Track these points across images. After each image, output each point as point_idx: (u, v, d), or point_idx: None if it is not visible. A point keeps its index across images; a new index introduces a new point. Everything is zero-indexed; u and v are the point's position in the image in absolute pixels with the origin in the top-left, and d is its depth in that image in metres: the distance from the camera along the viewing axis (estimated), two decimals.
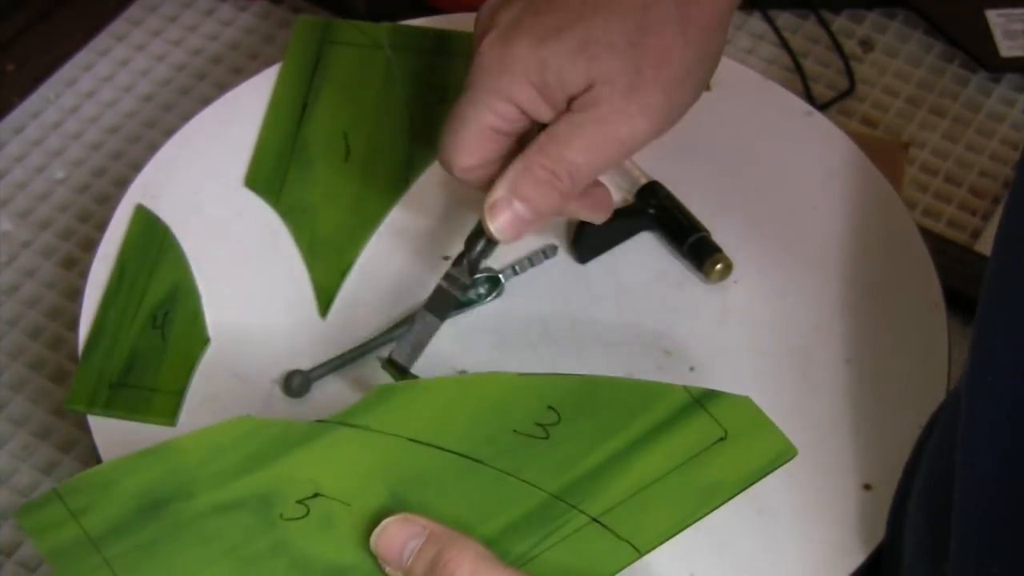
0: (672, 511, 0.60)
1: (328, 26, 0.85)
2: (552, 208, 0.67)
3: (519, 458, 0.61)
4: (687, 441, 0.61)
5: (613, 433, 0.61)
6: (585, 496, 0.60)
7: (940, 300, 0.75)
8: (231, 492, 0.58)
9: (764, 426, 0.61)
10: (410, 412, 0.61)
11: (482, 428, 0.61)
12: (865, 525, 0.68)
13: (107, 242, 0.77)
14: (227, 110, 0.82)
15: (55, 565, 0.56)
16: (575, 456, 0.61)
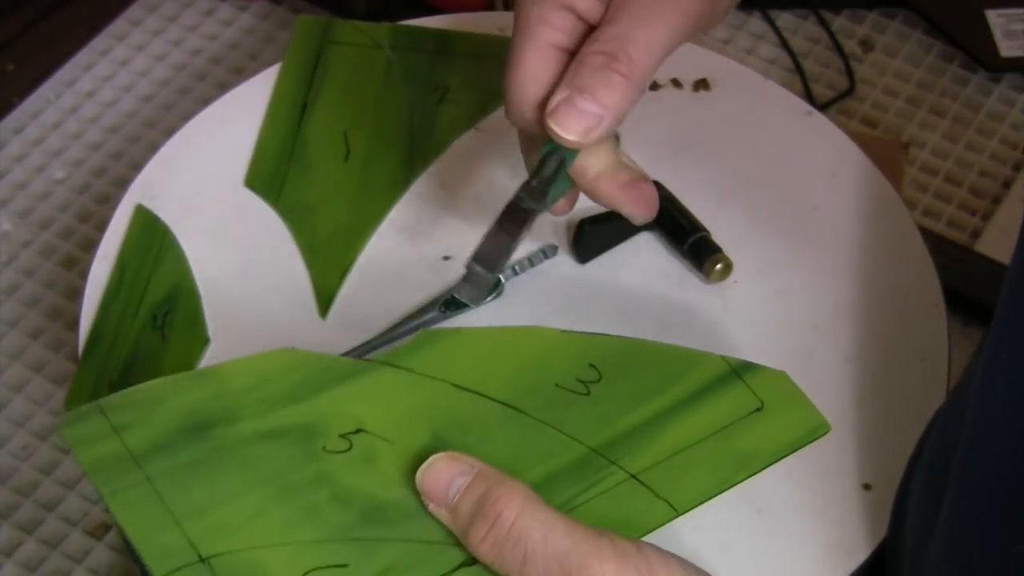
0: (709, 475, 0.60)
1: (328, 26, 0.85)
2: (619, 95, 0.61)
3: (559, 412, 0.61)
4: (724, 409, 0.62)
5: (652, 395, 0.62)
6: (624, 454, 0.60)
7: (940, 300, 0.75)
8: (275, 420, 0.58)
9: (799, 401, 0.62)
10: (454, 358, 0.61)
11: (524, 379, 0.61)
12: (865, 525, 0.68)
13: (107, 242, 0.77)
14: (227, 110, 0.82)
15: (95, 477, 0.56)
16: (614, 414, 0.61)
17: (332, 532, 0.56)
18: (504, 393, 0.61)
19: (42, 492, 0.98)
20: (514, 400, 0.61)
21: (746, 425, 0.62)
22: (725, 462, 0.61)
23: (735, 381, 0.63)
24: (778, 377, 0.63)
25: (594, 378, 0.62)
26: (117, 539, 0.96)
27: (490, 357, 0.62)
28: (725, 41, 1.17)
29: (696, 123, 0.82)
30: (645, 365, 0.63)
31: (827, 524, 0.68)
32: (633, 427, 0.61)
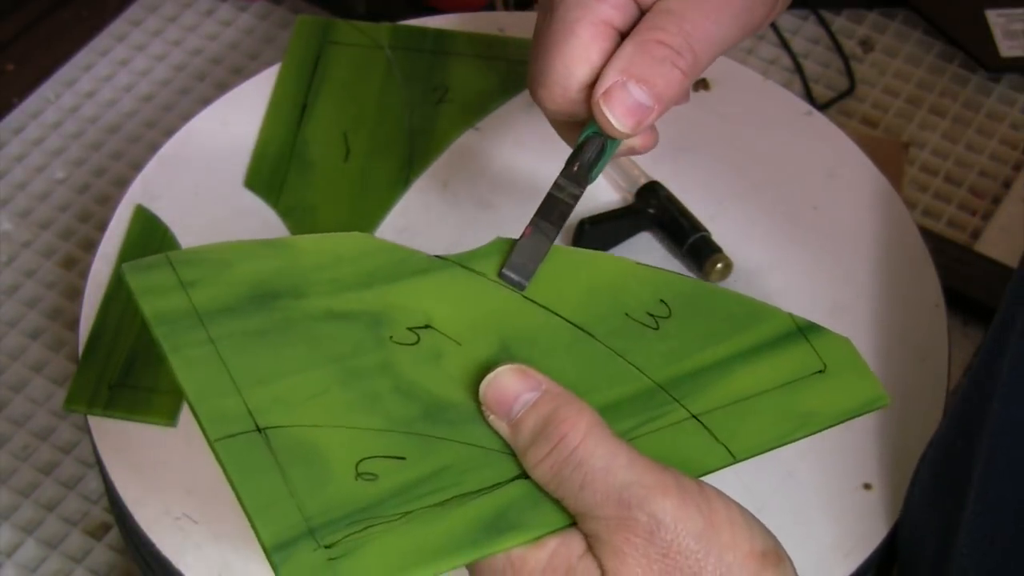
0: (769, 427, 0.59)
1: (328, 26, 0.85)
2: (674, 91, 0.59)
3: (627, 341, 0.59)
4: (788, 366, 0.60)
5: (719, 340, 0.60)
6: (687, 392, 0.59)
7: (940, 300, 0.75)
8: (345, 302, 0.56)
9: (861, 369, 0.61)
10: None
11: (596, 304, 0.60)
12: (866, 524, 0.68)
13: (107, 242, 0.77)
14: (227, 110, 0.82)
15: (158, 329, 0.53)
16: (681, 352, 0.60)
17: (392, 423, 0.54)
18: (574, 313, 0.60)
19: (42, 492, 0.98)
20: (583, 322, 0.60)
21: (808, 385, 0.60)
22: (785, 417, 0.59)
23: (800, 340, 0.61)
24: (843, 343, 0.62)
25: (664, 314, 0.61)
26: (117, 539, 0.96)
27: (565, 276, 0.61)
28: None
29: (696, 123, 0.82)
30: (715, 309, 0.62)
31: (828, 524, 0.68)
32: (698, 368, 0.60)
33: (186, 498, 0.68)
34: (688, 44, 0.58)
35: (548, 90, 0.60)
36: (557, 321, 0.59)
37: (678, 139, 0.81)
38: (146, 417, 0.71)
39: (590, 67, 0.59)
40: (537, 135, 0.81)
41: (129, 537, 0.72)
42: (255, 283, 0.55)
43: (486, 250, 0.61)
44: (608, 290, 0.61)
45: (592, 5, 0.59)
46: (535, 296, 0.60)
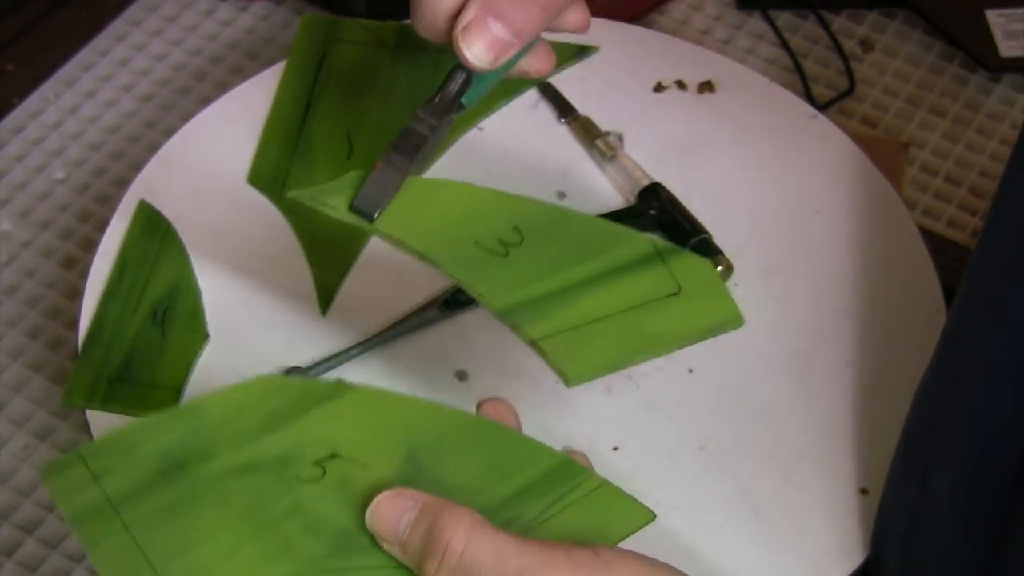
0: (613, 348, 0.59)
1: (333, 24, 0.85)
2: (532, 27, 0.61)
3: (473, 269, 0.60)
4: (640, 288, 0.61)
5: (570, 265, 0.61)
6: (529, 318, 0.59)
7: (941, 304, 0.75)
8: (250, 453, 0.57)
9: (717, 291, 0.62)
10: None
11: (446, 232, 0.61)
12: (862, 529, 0.68)
13: (109, 237, 0.77)
14: (231, 107, 0.83)
15: (77, 529, 0.55)
16: (528, 278, 0.60)
17: (303, 565, 0.55)
18: (421, 242, 0.60)
19: (42, 492, 0.98)
20: (431, 251, 0.60)
21: (659, 307, 0.60)
22: (631, 339, 0.59)
23: (657, 263, 0.61)
24: (701, 265, 0.62)
25: (516, 241, 0.61)
26: None
27: (419, 206, 0.61)
28: (725, 41, 1.17)
29: (700, 125, 0.82)
30: (570, 235, 0.62)
31: (824, 528, 0.68)
32: (544, 293, 0.60)
33: None
34: None
35: (419, 21, 0.62)
36: (463, 417, 0.59)
37: (682, 141, 0.81)
38: (144, 412, 0.71)
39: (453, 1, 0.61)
40: (541, 135, 0.82)
41: None
42: (162, 456, 0.57)
43: (339, 184, 0.61)
44: (461, 219, 0.61)
45: None
46: (385, 227, 0.60)
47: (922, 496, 0.63)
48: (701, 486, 0.69)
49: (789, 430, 0.70)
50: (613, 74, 0.84)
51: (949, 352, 0.62)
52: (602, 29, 0.86)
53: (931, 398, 0.64)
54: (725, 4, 1.19)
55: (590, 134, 0.81)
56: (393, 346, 0.73)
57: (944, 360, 0.62)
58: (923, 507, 0.63)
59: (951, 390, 0.61)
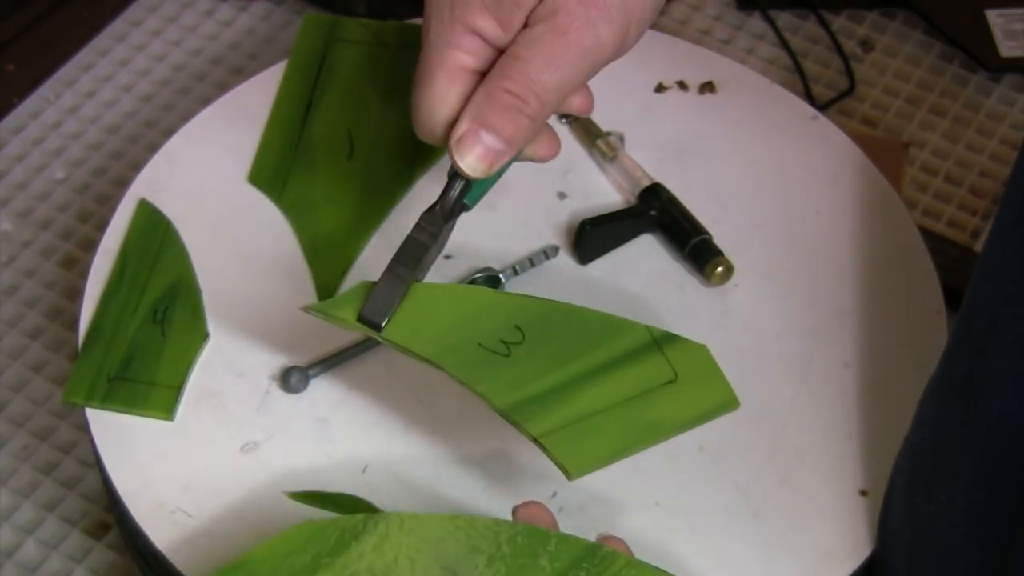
0: (613, 440, 0.61)
1: (335, 24, 0.85)
2: (523, 136, 0.63)
3: (477, 371, 0.62)
4: (637, 378, 0.63)
5: (569, 360, 0.63)
6: (530, 416, 0.61)
7: (941, 305, 0.75)
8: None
9: (713, 376, 0.63)
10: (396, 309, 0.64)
11: (450, 337, 0.63)
12: (861, 531, 0.68)
13: (109, 236, 0.77)
14: (232, 106, 0.83)
15: None
16: (529, 377, 0.62)
17: None
18: (428, 348, 0.63)
19: (41, 493, 0.98)
20: (435, 356, 0.62)
21: (657, 395, 0.62)
22: (630, 429, 0.61)
23: (654, 351, 0.63)
24: (697, 351, 0.64)
25: (517, 340, 0.63)
26: (117, 539, 0.96)
27: (423, 312, 0.64)
28: (725, 41, 1.17)
29: (701, 126, 0.82)
30: (568, 329, 0.64)
31: (823, 530, 0.68)
32: (545, 390, 0.62)
33: (181, 493, 0.69)
34: (533, 91, 0.62)
35: (419, 128, 0.65)
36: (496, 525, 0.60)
37: (682, 141, 0.81)
38: (144, 411, 0.71)
39: (449, 109, 0.63)
40: None
41: (126, 531, 0.72)
42: None
43: (347, 296, 0.63)
44: (464, 322, 0.64)
45: (446, 52, 0.63)
46: (392, 336, 0.62)
47: (928, 503, 0.63)
48: (700, 487, 0.69)
49: (788, 431, 0.70)
50: (614, 74, 0.84)
51: (956, 359, 0.62)
52: None
53: (937, 406, 0.64)
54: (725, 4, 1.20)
55: (591, 134, 0.81)
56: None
57: (951, 367, 0.62)
58: (930, 515, 0.63)
59: (958, 397, 0.61)
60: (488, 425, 0.70)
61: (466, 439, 0.70)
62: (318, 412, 0.71)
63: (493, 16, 0.62)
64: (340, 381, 0.72)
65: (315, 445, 0.70)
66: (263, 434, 0.70)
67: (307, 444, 0.70)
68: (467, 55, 0.63)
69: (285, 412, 0.71)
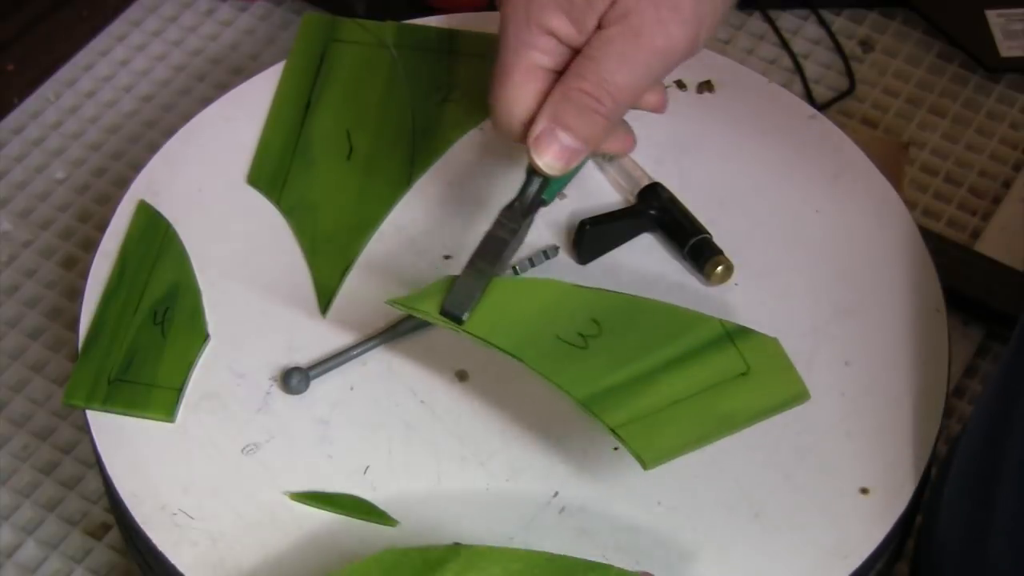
0: (686, 431, 0.63)
1: (333, 24, 0.85)
2: (598, 134, 0.65)
3: (556, 363, 0.64)
4: (712, 370, 0.64)
5: (645, 353, 0.65)
6: (608, 407, 0.63)
7: (941, 303, 0.75)
8: None
9: (785, 369, 0.65)
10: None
11: (529, 329, 0.65)
12: (863, 529, 0.68)
13: (109, 238, 0.77)
14: (231, 107, 0.83)
15: None
16: (605, 369, 0.64)
17: None
18: (507, 341, 0.65)
19: (41, 493, 0.98)
20: (514, 348, 0.64)
21: (730, 387, 0.64)
22: (704, 421, 0.63)
23: (727, 344, 0.65)
24: (769, 344, 0.66)
25: (594, 332, 0.65)
26: (117, 539, 0.96)
27: (503, 306, 0.66)
28: (725, 41, 1.17)
29: (699, 125, 0.82)
30: (644, 323, 0.66)
31: (825, 528, 0.68)
32: (620, 383, 0.64)
33: (183, 494, 0.69)
34: (607, 91, 0.64)
35: (497, 126, 0.68)
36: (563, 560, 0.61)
37: (681, 140, 0.81)
38: (144, 412, 0.71)
39: (525, 107, 0.66)
40: None
41: (127, 533, 0.72)
42: None
43: (430, 290, 0.66)
44: (542, 315, 0.66)
45: (523, 52, 0.65)
46: (473, 329, 0.65)
47: (981, 510, 0.62)
48: (701, 486, 0.69)
49: (789, 430, 0.70)
50: None
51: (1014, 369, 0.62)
52: None
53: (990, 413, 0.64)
54: None
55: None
56: (393, 346, 0.73)
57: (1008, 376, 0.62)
58: (980, 522, 0.62)
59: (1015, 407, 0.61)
60: (489, 425, 0.70)
61: (467, 439, 0.70)
62: (319, 413, 0.71)
63: (567, 17, 0.64)
64: (341, 382, 0.72)
65: (316, 446, 0.70)
66: (264, 435, 0.70)
67: (308, 445, 0.70)
68: (543, 55, 0.65)
69: (286, 413, 0.71)
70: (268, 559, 0.67)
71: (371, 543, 0.67)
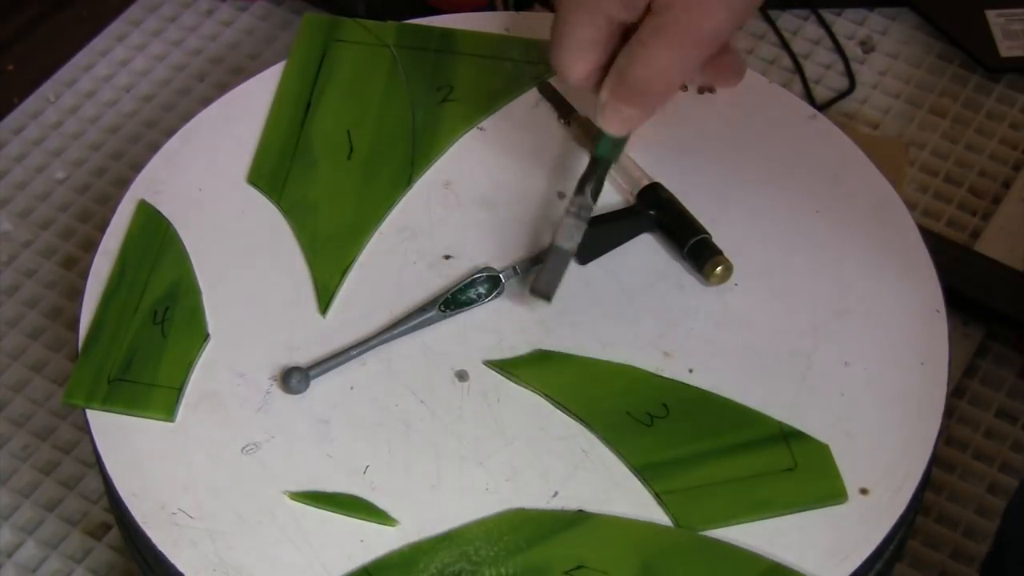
0: (723, 508, 0.68)
1: (334, 24, 0.85)
2: (654, 107, 0.71)
3: (619, 434, 0.70)
4: (760, 462, 0.69)
5: (705, 438, 0.70)
6: (658, 476, 0.69)
7: (941, 304, 0.75)
8: (510, 567, 0.66)
9: (829, 471, 0.69)
10: (559, 376, 0.72)
11: (604, 403, 0.71)
12: (862, 530, 0.68)
13: (109, 237, 0.77)
14: (231, 107, 0.83)
15: None
16: (664, 446, 0.69)
17: None
18: (582, 410, 0.71)
19: (42, 492, 0.98)
20: (587, 415, 0.70)
21: (774, 479, 0.69)
22: (740, 503, 0.68)
23: (780, 443, 0.70)
24: (820, 448, 0.70)
25: (662, 415, 0.71)
26: (117, 539, 0.96)
27: (586, 382, 0.72)
28: None
29: (699, 125, 0.82)
30: (709, 414, 0.71)
31: (824, 529, 0.68)
32: (675, 458, 0.69)
33: (183, 494, 0.69)
34: (657, 74, 0.70)
35: (560, 75, 0.73)
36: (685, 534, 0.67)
37: (681, 141, 0.81)
38: (144, 412, 0.71)
39: (579, 70, 0.71)
40: (541, 135, 0.82)
41: (126, 532, 0.72)
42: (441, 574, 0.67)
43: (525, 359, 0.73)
44: (619, 393, 0.71)
45: (574, 29, 0.70)
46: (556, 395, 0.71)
47: None
48: None
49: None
50: None
51: None
52: None
53: None
54: None
55: (590, 134, 0.81)
56: (393, 346, 0.73)
57: None
58: None
59: None
60: (488, 425, 0.70)
61: (466, 439, 0.70)
62: (319, 413, 0.71)
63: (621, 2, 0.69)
64: (341, 382, 0.72)
65: (316, 446, 0.70)
66: (264, 435, 0.70)
67: (308, 445, 0.70)
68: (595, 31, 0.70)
69: (286, 413, 0.71)
70: (268, 559, 0.67)
71: (371, 543, 0.67)
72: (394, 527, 0.67)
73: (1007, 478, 1.00)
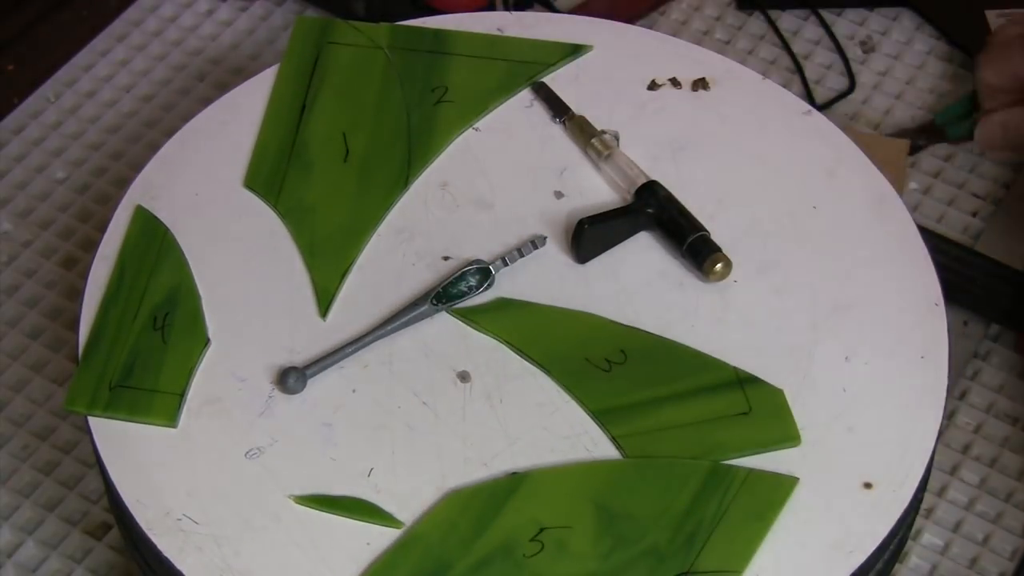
0: (677, 450, 0.69)
1: (327, 26, 0.85)
2: None
3: (577, 379, 0.71)
4: (715, 407, 0.70)
5: (660, 384, 0.71)
6: (614, 420, 0.70)
7: (940, 300, 0.75)
8: (478, 552, 0.66)
9: (783, 414, 0.70)
10: (518, 323, 0.73)
11: (562, 349, 0.72)
12: (866, 524, 0.68)
13: (107, 242, 0.77)
14: (226, 111, 0.82)
15: None
16: (622, 391, 0.71)
17: None
18: (540, 355, 0.72)
19: (41, 493, 0.98)
20: (544, 361, 0.72)
21: (727, 423, 0.70)
22: (695, 444, 0.69)
23: (735, 388, 0.71)
24: (775, 393, 0.71)
25: (620, 360, 0.72)
26: (117, 539, 0.96)
27: (545, 328, 0.73)
28: (725, 42, 1.17)
29: (695, 123, 0.82)
30: (666, 359, 0.72)
31: (828, 523, 0.68)
32: (632, 403, 0.70)
33: (187, 499, 0.68)
34: None
35: None
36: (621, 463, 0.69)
37: (677, 139, 0.81)
38: (146, 418, 0.71)
39: None
40: (536, 135, 0.82)
41: (129, 537, 0.72)
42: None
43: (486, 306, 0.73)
44: (578, 340, 0.73)
45: None
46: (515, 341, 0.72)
47: None
48: None
49: None
50: (607, 73, 0.84)
51: None
52: (595, 28, 0.86)
53: None
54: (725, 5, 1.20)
55: (585, 133, 0.81)
56: (393, 346, 0.73)
57: None
58: None
59: None
60: (491, 425, 0.70)
61: (469, 440, 0.70)
62: (321, 416, 0.71)
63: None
64: (343, 384, 0.72)
65: (319, 449, 0.70)
66: (267, 439, 0.70)
67: (311, 448, 0.70)
68: None
69: (288, 416, 0.71)
70: (274, 563, 0.67)
71: (376, 545, 0.67)
72: (400, 529, 0.67)
73: (1007, 478, 1.00)
